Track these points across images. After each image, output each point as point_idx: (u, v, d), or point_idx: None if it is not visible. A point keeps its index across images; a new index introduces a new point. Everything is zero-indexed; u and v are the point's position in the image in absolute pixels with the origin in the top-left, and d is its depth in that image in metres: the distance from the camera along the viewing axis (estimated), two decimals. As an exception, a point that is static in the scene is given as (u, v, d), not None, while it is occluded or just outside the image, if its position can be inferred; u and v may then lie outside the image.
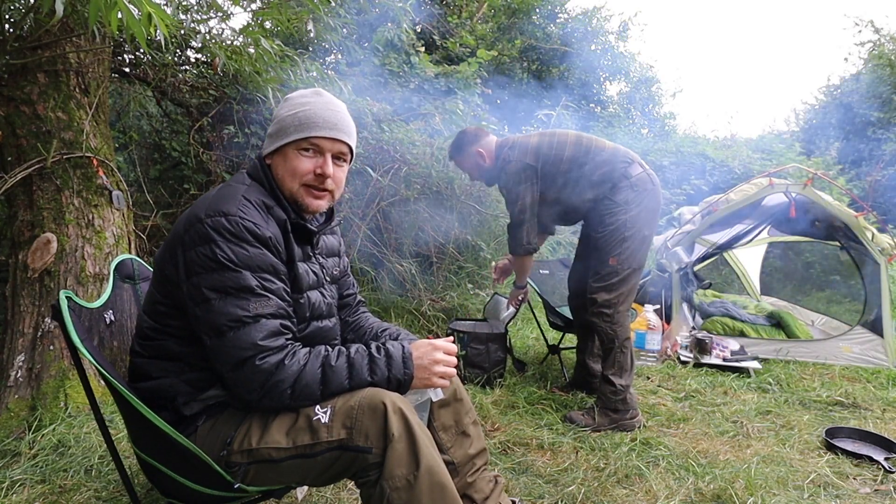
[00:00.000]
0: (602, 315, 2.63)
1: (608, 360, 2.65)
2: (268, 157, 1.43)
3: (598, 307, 2.63)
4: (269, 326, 1.24)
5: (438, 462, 1.25)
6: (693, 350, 3.69)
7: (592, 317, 2.66)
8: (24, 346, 2.45)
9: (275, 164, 1.42)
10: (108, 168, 2.81)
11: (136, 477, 1.91)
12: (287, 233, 1.36)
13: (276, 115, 1.44)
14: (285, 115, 1.40)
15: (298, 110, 1.39)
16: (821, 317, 4.59)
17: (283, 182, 1.40)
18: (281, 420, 1.27)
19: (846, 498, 2.06)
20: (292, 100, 1.43)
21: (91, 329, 1.43)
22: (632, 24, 11.49)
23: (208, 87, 3.90)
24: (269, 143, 1.43)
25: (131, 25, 1.64)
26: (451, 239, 4.47)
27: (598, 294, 2.63)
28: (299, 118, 1.38)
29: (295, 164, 1.38)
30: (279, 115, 1.42)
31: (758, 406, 2.91)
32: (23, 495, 1.89)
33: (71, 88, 2.76)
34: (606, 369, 2.64)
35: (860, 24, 11.63)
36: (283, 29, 3.39)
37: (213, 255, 1.22)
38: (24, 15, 2.71)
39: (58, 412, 2.36)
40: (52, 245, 2.53)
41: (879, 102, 10.56)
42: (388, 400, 1.24)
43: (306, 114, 1.38)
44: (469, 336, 3.12)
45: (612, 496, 2.01)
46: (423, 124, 4.82)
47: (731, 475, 2.12)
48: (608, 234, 2.62)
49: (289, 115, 1.40)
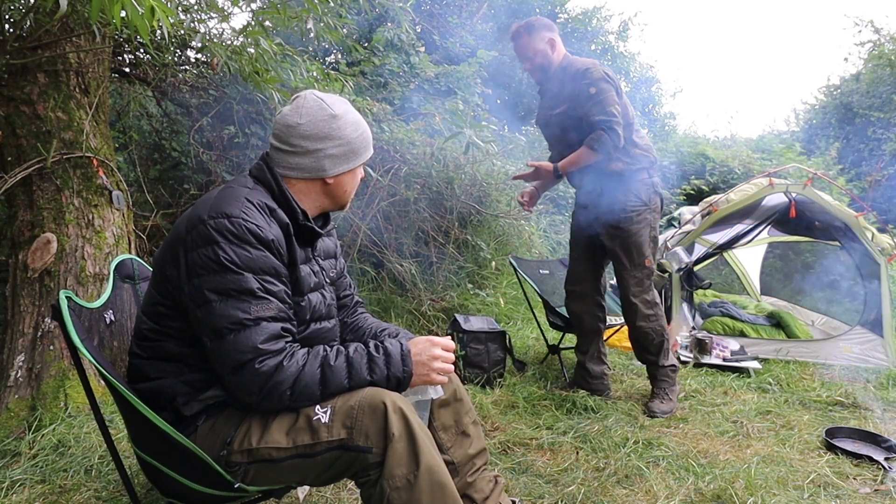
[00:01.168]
0: (649, 317, 2.77)
1: (661, 353, 2.82)
2: (330, 178, 1.43)
3: (645, 310, 2.76)
4: (269, 329, 1.24)
5: (438, 462, 1.25)
6: (693, 350, 3.69)
7: (641, 321, 2.77)
8: (24, 346, 2.45)
9: (342, 181, 1.46)
10: (108, 168, 2.81)
11: (136, 477, 1.91)
12: (289, 235, 1.36)
13: (334, 134, 1.40)
14: (353, 137, 1.43)
15: (362, 130, 1.46)
16: (821, 317, 4.59)
17: (349, 195, 1.50)
18: (281, 420, 1.27)
19: (846, 498, 2.05)
20: (346, 118, 1.42)
21: (91, 329, 1.43)
22: (632, 24, 11.52)
23: (208, 87, 3.90)
24: (341, 164, 1.42)
25: (134, 20, 1.64)
26: (451, 239, 4.47)
27: (640, 299, 2.75)
28: (366, 138, 1.47)
29: (359, 178, 1.52)
30: (345, 135, 1.41)
31: (758, 406, 2.91)
32: (23, 495, 1.89)
33: (71, 88, 2.76)
34: (661, 360, 2.82)
35: (860, 24, 11.63)
36: (283, 29, 3.39)
37: (215, 257, 1.22)
38: (24, 15, 2.71)
39: (58, 412, 2.35)
40: (52, 245, 2.53)
41: (879, 102, 10.56)
42: (389, 399, 1.24)
43: (368, 134, 1.48)
44: (469, 336, 3.13)
45: (612, 496, 2.01)
46: (423, 124, 4.82)
47: (731, 475, 2.12)
48: (637, 234, 2.70)
49: (356, 136, 1.44)
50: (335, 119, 1.39)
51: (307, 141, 1.38)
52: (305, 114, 1.39)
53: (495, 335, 3.14)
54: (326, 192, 1.45)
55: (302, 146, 1.39)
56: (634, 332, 2.85)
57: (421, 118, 4.99)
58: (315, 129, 1.38)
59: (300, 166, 1.40)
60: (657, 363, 2.84)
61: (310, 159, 1.40)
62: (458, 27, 8.45)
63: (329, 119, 1.39)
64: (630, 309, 2.81)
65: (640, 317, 2.77)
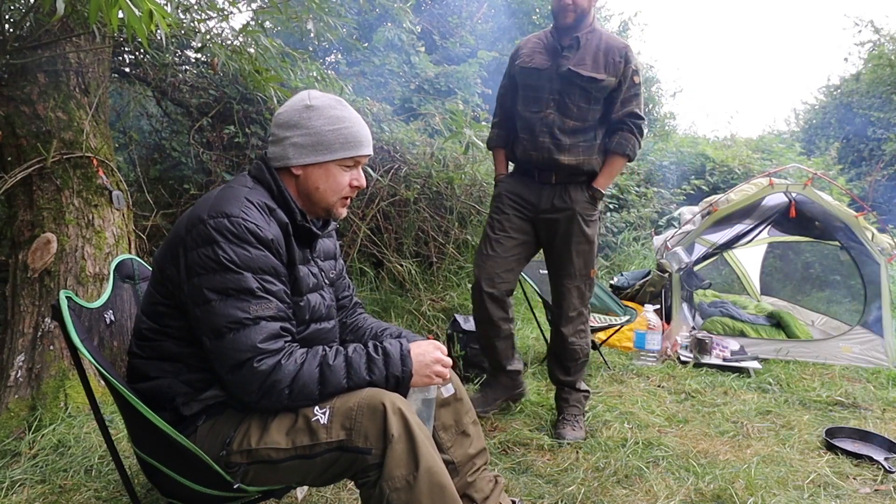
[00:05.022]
0: (582, 332, 2.54)
1: (580, 373, 2.59)
2: (297, 168, 1.40)
3: (582, 323, 2.54)
4: (268, 329, 1.24)
5: (438, 462, 1.25)
6: (693, 350, 3.69)
7: (575, 336, 2.51)
8: (24, 346, 2.45)
9: (311, 177, 1.40)
10: (108, 168, 2.81)
11: (136, 477, 1.91)
12: (288, 235, 1.36)
13: (302, 123, 1.38)
14: (325, 129, 1.37)
15: (340, 126, 1.38)
16: (821, 317, 4.59)
17: (324, 196, 1.42)
18: (280, 420, 1.27)
19: (846, 498, 2.06)
20: (322, 111, 1.39)
21: (91, 329, 1.43)
22: (632, 23, 11.50)
23: (208, 86, 3.90)
24: (304, 154, 1.38)
25: (132, 23, 1.64)
26: (451, 239, 4.47)
27: (582, 310, 2.53)
28: (345, 136, 1.39)
29: (339, 181, 1.42)
30: (313, 126, 1.37)
31: (758, 406, 2.91)
32: (23, 495, 1.89)
33: (71, 88, 2.76)
34: (579, 381, 2.58)
35: (860, 24, 11.62)
36: (283, 28, 3.39)
37: (215, 257, 1.22)
38: (24, 15, 2.71)
39: (58, 412, 2.35)
40: (52, 245, 2.53)
41: (879, 102, 10.56)
42: (388, 400, 1.24)
43: (351, 132, 1.40)
44: (469, 336, 3.12)
45: (612, 496, 2.01)
46: (423, 124, 4.82)
47: (731, 475, 2.12)
48: (589, 242, 2.48)
49: (330, 129, 1.38)
50: (308, 109, 1.39)
51: (279, 129, 1.41)
52: (287, 104, 1.42)
53: (495, 335, 3.13)
54: (299, 189, 1.42)
55: (274, 134, 1.42)
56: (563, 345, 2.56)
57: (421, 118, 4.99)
58: (286, 117, 1.40)
59: (273, 155, 1.42)
60: (574, 385, 2.58)
61: (279, 147, 1.41)
62: (458, 27, 8.44)
63: (302, 109, 1.39)
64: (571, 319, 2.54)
65: (576, 332, 2.52)
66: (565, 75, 2.35)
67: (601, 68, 2.34)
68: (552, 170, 2.43)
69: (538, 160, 2.43)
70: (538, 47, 2.46)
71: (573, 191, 2.45)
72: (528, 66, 2.43)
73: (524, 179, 2.53)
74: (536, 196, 2.49)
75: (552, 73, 2.38)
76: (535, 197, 2.49)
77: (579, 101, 2.36)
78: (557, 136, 2.37)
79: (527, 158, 2.46)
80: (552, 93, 2.38)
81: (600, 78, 2.33)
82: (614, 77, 2.34)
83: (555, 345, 2.63)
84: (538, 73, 2.40)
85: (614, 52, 2.35)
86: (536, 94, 2.41)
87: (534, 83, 2.42)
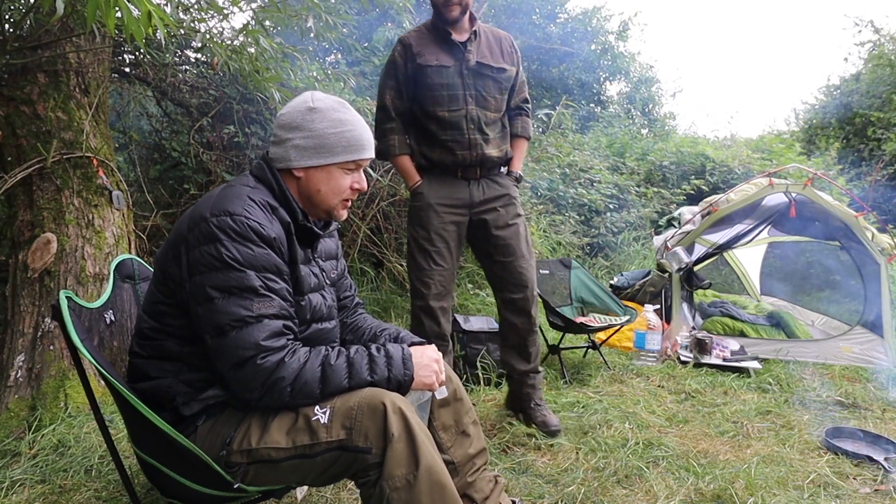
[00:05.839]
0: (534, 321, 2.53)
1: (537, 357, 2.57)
2: (299, 170, 1.40)
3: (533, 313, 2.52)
4: (271, 327, 1.24)
5: (438, 462, 1.25)
6: (693, 350, 3.69)
7: (532, 325, 2.51)
8: (24, 346, 2.45)
9: (313, 179, 1.40)
10: (108, 168, 2.81)
11: (136, 477, 1.91)
12: (290, 235, 1.37)
13: (305, 126, 1.38)
14: (328, 132, 1.37)
15: (342, 129, 1.38)
16: (821, 317, 4.59)
17: (325, 198, 1.42)
18: (280, 420, 1.27)
19: (846, 498, 2.06)
20: (325, 113, 1.38)
21: (91, 329, 1.43)
22: (632, 24, 11.48)
23: (208, 86, 3.90)
24: (306, 157, 1.38)
25: (130, 25, 1.64)
26: (451, 239, 4.46)
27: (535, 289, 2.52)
28: (347, 139, 1.39)
29: (341, 184, 1.42)
30: (316, 128, 1.37)
31: (758, 406, 2.91)
32: (23, 495, 1.89)
33: (71, 88, 2.76)
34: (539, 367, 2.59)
35: (860, 24, 11.61)
36: (283, 28, 3.39)
37: (217, 255, 1.22)
38: (24, 15, 2.71)
39: (58, 412, 2.36)
40: (52, 245, 2.53)
41: (879, 102, 10.54)
42: (388, 400, 1.24)
43: (354, 136, 1.40)
44: (469, 336, 3.13)
45: (612, 496, 2.01)
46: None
47: (731, 475, 2.12)
48: (524, 222, 2.50)
49: (332, 132, 1.37)
50: (311, 112, 1.39)
51: (281, 130, 1.41)
52: (289, 105, 1.43)
53: (495, 335, 3.14)
54: (300, 190, 1.43)
55: (277, 135, 1.42)
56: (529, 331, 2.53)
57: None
58: (289, 118, 1.40)
59: (274, 155, 1.42)
60: (537, 368, 2.58)
61: (281, 149, 1.41)
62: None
63: (305, 111, 1.39)
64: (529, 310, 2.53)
65: (532, 321, 2.51)
66: (475, 69, 2.35)
67: (501, 58, 2.40)
68: (478, 165, 2.41)
69: (468, 158, 2.38)
70: (431, 44, 2.38)
71: (499, 178, 2.49)
72: (433, 64, 2.34)
73: (447, 180, 2.43)
74: (467, 193, 2.43)
75: (461, 68, 2.34)
76: (466, 194, 2.43)
77: (494, 93, 2.39)
78: (485, 130, 2.38)
79: (451, 159, 2.38)
80: (467, 88, 2.35)
81: (507, 68, 2.41)
82: (513, 66, 2.43)
83: (515, 335, 2.54)
84: (446, 70, 2.34)
85: (504, 41, 2.44)
86: (451, 93, 2.35)
87: (446, 81, 2.35)
